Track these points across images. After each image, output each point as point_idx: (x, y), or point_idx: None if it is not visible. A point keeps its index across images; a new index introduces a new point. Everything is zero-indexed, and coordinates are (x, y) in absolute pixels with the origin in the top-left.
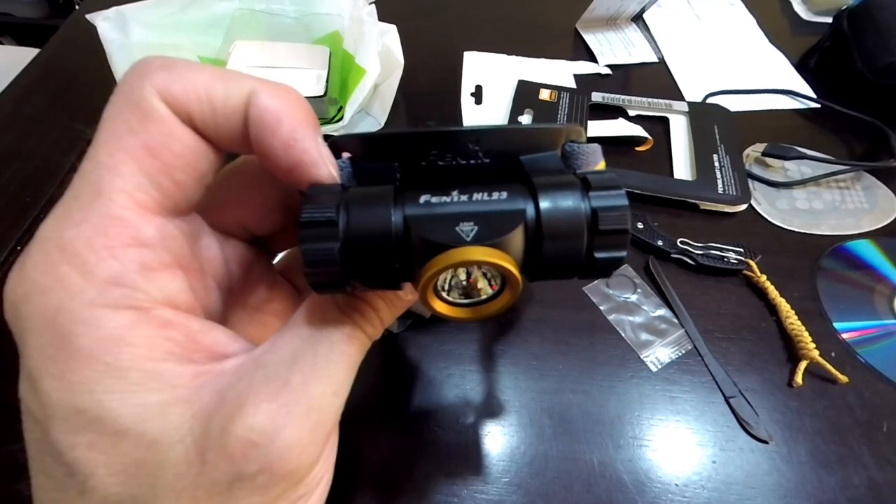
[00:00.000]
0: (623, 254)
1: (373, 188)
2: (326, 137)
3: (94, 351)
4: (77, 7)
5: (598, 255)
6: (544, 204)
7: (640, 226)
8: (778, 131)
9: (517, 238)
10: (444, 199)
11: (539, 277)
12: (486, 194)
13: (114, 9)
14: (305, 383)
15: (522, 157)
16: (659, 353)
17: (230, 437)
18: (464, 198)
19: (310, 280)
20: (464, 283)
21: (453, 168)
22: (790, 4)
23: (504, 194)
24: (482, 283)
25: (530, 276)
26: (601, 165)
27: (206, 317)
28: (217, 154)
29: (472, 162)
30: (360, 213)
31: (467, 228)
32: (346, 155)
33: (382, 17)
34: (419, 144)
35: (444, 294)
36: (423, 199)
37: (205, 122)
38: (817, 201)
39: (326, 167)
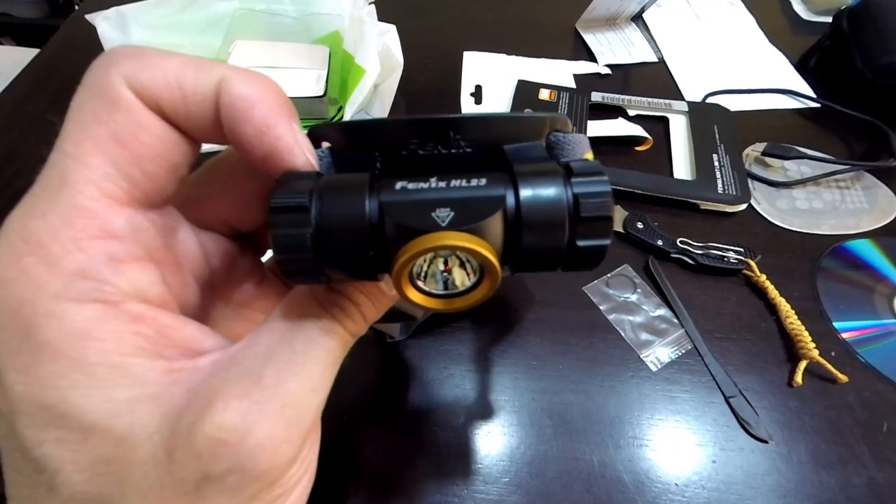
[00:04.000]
0: (606, 241)
1: (348, 175)
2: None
3: (60, 345)
4: (77, 7)
5: (580, 243)
6: (524, 191)
7: (640, 225)
8: (778, 131)
9: (496, 225)
10: (422, 185)
11: (522, 269)
12: (464, 181)
13: (114, 9)
14: (280, 379)
15: (505, 147)
16: (659, 353)
17: (198, 436)
18: (441, 184)
19: (281, 268)
20: (444, 273)
21: (435, 157)
22: (790, 4)
23: (483, 181)
24: (459, 273)
25: (513, 268)
26: (588, 156)
27: (183, 312)
28: (191, 145)
29: (454, 151)
30: (334, 200)
31: (443, 214)
32: (325, 144)
33: (382, 17)
34: (399, 133)
35: (422, 284)
36: (399, 185)
37: (175, 111)
38: (817, 201)
39: (303, 154)
